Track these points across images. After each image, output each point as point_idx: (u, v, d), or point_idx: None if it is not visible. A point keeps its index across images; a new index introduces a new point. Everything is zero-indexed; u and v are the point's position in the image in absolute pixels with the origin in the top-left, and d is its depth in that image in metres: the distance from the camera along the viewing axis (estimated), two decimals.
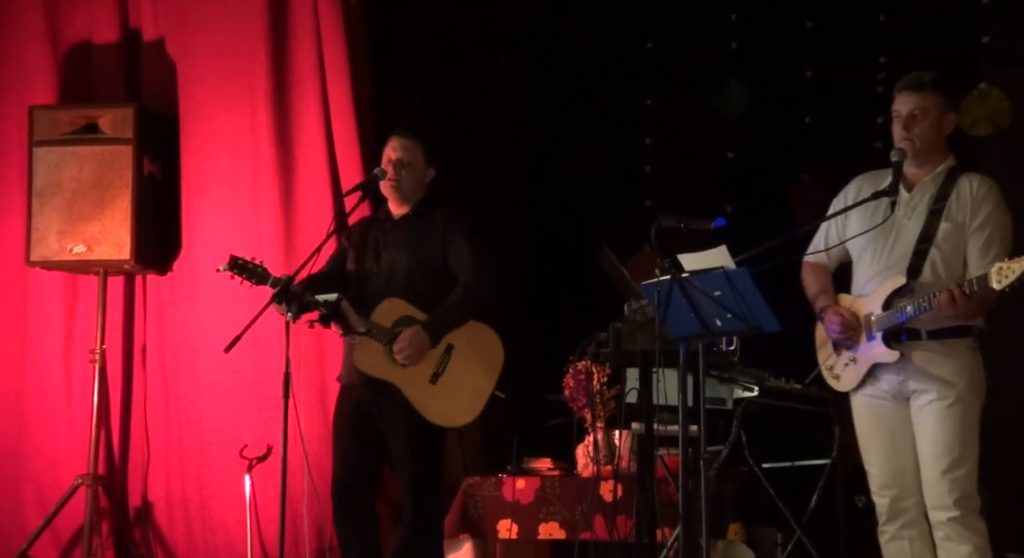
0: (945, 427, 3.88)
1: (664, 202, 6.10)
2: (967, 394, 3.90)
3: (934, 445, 3.90)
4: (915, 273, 3.94)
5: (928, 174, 4.03)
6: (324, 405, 5.64)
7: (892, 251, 4.00)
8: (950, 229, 3.94)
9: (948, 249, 3.94)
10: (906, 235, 3.99)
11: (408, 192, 4.68)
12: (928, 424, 3.91)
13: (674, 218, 4.01)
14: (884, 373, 3.99)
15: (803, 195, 6.05)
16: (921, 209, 3.99)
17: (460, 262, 4.58)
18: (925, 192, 4.02)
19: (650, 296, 4.00)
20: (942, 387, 3.89)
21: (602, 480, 5.01)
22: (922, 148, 3.99)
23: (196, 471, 5.94)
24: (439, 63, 6.32)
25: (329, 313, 4.49)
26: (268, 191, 5.86)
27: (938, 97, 3.99)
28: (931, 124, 3.98)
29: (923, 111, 3.97)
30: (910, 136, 3.98)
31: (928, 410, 3.91)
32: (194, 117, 6.03)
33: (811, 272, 4.23)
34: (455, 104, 6.33)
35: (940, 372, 3.90)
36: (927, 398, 3.92)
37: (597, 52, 6.55)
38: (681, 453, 4.01)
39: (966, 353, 3.92)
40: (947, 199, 3.97)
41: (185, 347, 5.97)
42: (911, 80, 4.01)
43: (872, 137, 5.72)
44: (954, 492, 3.85)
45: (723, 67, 6.36)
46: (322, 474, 5.36)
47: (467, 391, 4.50)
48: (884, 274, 4.00)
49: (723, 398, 4.86)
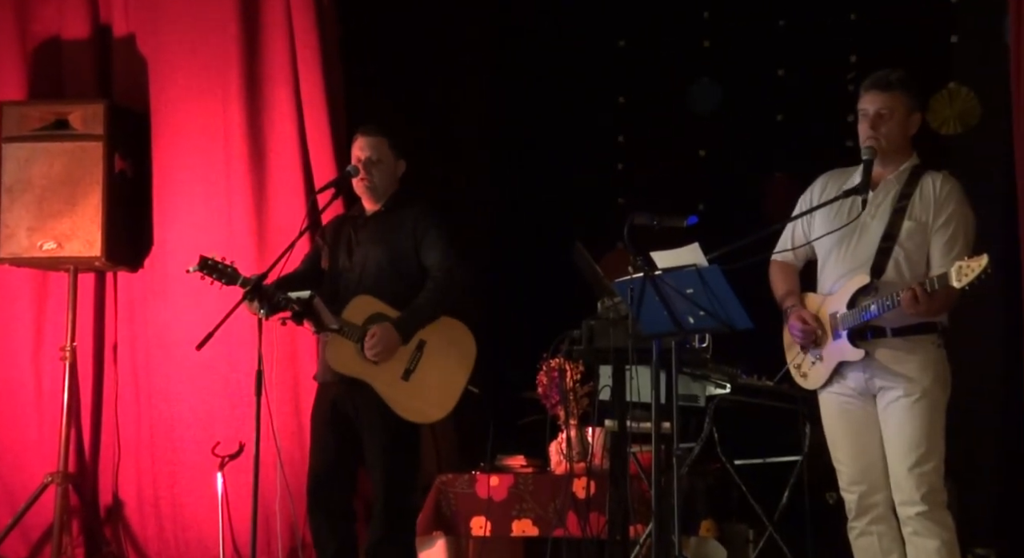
0: (911, 423, 3.90)
1: (637, 200, 6.12)
2: (933, 390, 3.92)
3: (901, 441, 3.92)
4: (879, 271, 3.96)
5: (892, 172, 4.05)
6: (297, 403, 5.63)
7: (857, 250, 4.02)
8: (913, 227, 3.96)
9: (911, 247, 3.96)
10: (870, 234, 4.01)
11: (381, 189, 4.68)
12: (894, 420, 3.94)
13: (647, 216, 4.01)
14: (850, 371, 4.02)
15: (775, 193, 6.08)
16: (885, 208, 4.01)
17: (432, 257, 4.57)
18: (889, 190, 4.03)
19: (623, 293, 4.01)
20: (907, 383, 3.92)
21: (575, 477, 5.02)
22: (888, 147, 4.01)
23: (168, 469, 5.91)
24: (410, 59, 6.31)
25: (301, 311, 4.48)
26: (240, 188, 5.84)
27: (905, 97, 4.00)
28: (897, 124, 4.00)
29: (890, 111, 3.98)
30: (877, 135, 3.99)
31: (894, 407, 3.94)
32: (165, 113, 6.00)
33: (778, 271, 4.25)
34: (426, 100, 6.33)
35: (905, 369, 3.93)
36: (893, 395, 3.94)
37: (570, 49, 6.56)
38: (654, 450, 4.03)
39: (931, 349, 3.94)
40: (910, 197, 3.98)
41: (156, 344, 5.94)
42: (878, 79, 4.02)
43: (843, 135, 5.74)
44: (921, 487, 3.88)
45: (696, 65, 6.38)
46: (295, 472, 5.35)
47: (439, 387, 4.50)
48: (849, 273, 4.02)
49: (695, 395, 4.87)
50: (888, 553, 4.01)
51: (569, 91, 6.54)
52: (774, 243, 4.27)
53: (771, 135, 6.20)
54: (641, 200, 5.90)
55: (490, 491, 5.21)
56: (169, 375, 5.90)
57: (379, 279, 4.57)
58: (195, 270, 4.51)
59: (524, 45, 6.63)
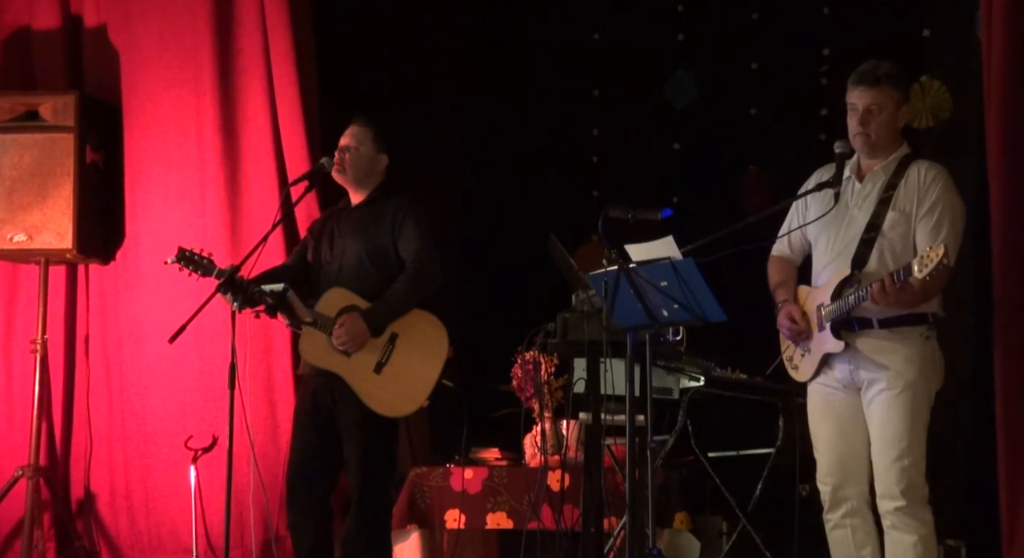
0: (893, 416, 3.90)
1: (611, 192, 6.14)
2: (917, 382, 3.91)
3: (883, 434, 3.92)
4: (860, 263, 3.95)
5: (880, 163, 4.04)
6: (270, 396, 5.62)
7: (842, 241, 4.02)
8: (897, 217, 3.95)
9: (895, 237, 3.94)
10: (855, 225, 4.00)
11: (354, 177, 4.66)
12: (877, 413, 3.94)
13: (621, 208, 4.02)
14: (837, 362, 4.02)
15: (749, 185, 6.11)
16: (871, 198, 4.01)
17: (408, 248, 4.56)
18: (876, 181, 4.03)
19: (597, 286, 4.02)
20: (891, 376, 3.91)
21: (550, 470, 5.03)
22: (877, 142, 4.01)
23: (140, 462, 5.88)
24: (385, 51, 6.30)
25: (275, 304, 4.47)
26: (214, 180, 5.81)
27: (894, 91, 3.99)
28: (887, 119, 3.99)
29: (879, 106, 3.97)
30: (867, 131, 3.98)
31: (878, 399, 3.94)
32: (137, 105, 5.96)
33: (773, 265, 4.26)
34: (400, 92, 6.32)
35: (890, 361, 3.92)
36: (877, 387, 3.94)
37: (544, 42, 6.55)
38: (628, 443, 4.03)
39: (918, 341, 3.93)
40: (896, 187, 3.98)
41: (129, 337, 5.91)
42: (866, 74, 4.00)
43: (816, 129, 5.79)
44: (901, 481, 3.87)
45: (670, 58, 6.40)
46: (268, 465, 5.34)
47: (411, 380, 4.49)
48: (835, 264, 4.03)
49: (669, 388, 4.89)
50: (862, 546, 4.02)
51: (543, 84, 6.54)
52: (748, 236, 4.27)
53: (745, 128, 6.22)
54: (616, 193, 5.91)
55: (464, 484, 5.21)
56: (141, 368, 5.88)
57: (356, 272, 4.56)
58: (173, 261, 4.51)
59: (499, 38, 6.63)
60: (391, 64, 6.31)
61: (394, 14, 6.36)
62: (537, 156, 6.55)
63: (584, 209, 6.02)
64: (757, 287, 4.33)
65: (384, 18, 6.31)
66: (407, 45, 6.37)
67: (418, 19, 6.44)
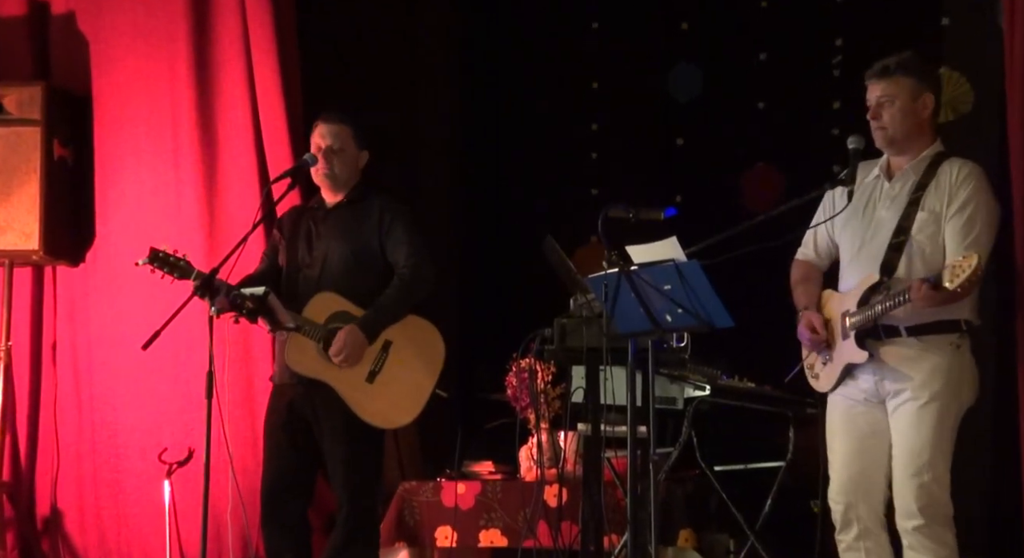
0: (916, 428, 3.89)
1: (611, 191, 6.15)
2: (943, 394, 3.90)
3: (903, 447, 3.92)
4: (889, 269, 3.95)
5: (910, 161, 4.04)
6: (250, 406, 5.62)
7: (870, 244, 4.03)
8: (926, 218, 3.95)
9: (924, 239, 3.94)
10: (883, 227, 4.01)
11: (342, 180, 4.68)
12: (900, 425, 3.94)
13: (622, 207, 4.03)
14: (861, 373, 4.02)
15: (757, 183, 6.12)
16: (900, 199, 4.01)
17: (398, 252, 4.58)
18: (906, 181, 4.03)
19: (597, 290, 4.03)
20: (918, 386, 3.91)
21: (546, 484, 5.04)
22: (895, 135, 4.01)
23: (111, 477, 5.89)
24: (372, 40, 6.30)
25: (255, 308, 4.48)
26: (190, 177, 5.82)
27: (907, 80, 3.99)
28: (901, 109, 3.99)
29: (890, 97, 3.98)
30: (881, 124, 3.99)
31: (901, 411, 3.94)
32: (109, 97, 5.97)
33: (796, 270, 4.28)
34: (386, 84, 6.32)
35: (916, 371, 3.91)
36: (902, 398, 3.94)
37: (541, 32, 6.57)
38: (629, 455, 4.05)
39: (948, 350, 3.92)
40: (927, 187, 3.98)
41: (99, 344, 5.92)
42: (876, 67, 4.02)
43: (829, 123, 5.80)
44: (920, 498, 3.87)
45: (673, 49, 6.41)
46: (248, 480, 5.34)
47: (406, 390, 4.51)
48: (861, 269, 4.03)
49: (673, 397, 4.90)
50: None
51: (540, 76, 6.56)
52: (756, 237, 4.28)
53: (753, 123, 6.23)
54: (616, 191, 5.92)
55: (456, 499, 5.22)
56: (112, 377, 5.88)
57: (342, 275, 4.58)
58: (145, 263, 4.52)
59: (492, 26, 6.64)
60: (376, 55, 6.32)
61: (380, 1, 6.38)
62: (532, 152, 6.57)
63: (582, 208, 6.04)
64: (766, 291, 4.35)
65: (369, 5, 6.33)
66: (393, 34, 6.38)
67: (407, 8, 6.46)
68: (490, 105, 6.59)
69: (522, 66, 6.57)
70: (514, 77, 6.57)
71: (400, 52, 6.41)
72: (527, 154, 6.58)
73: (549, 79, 6.56)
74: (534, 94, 6.55)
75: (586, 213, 4.76)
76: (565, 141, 6.58)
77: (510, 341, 4.89)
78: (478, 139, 6.61)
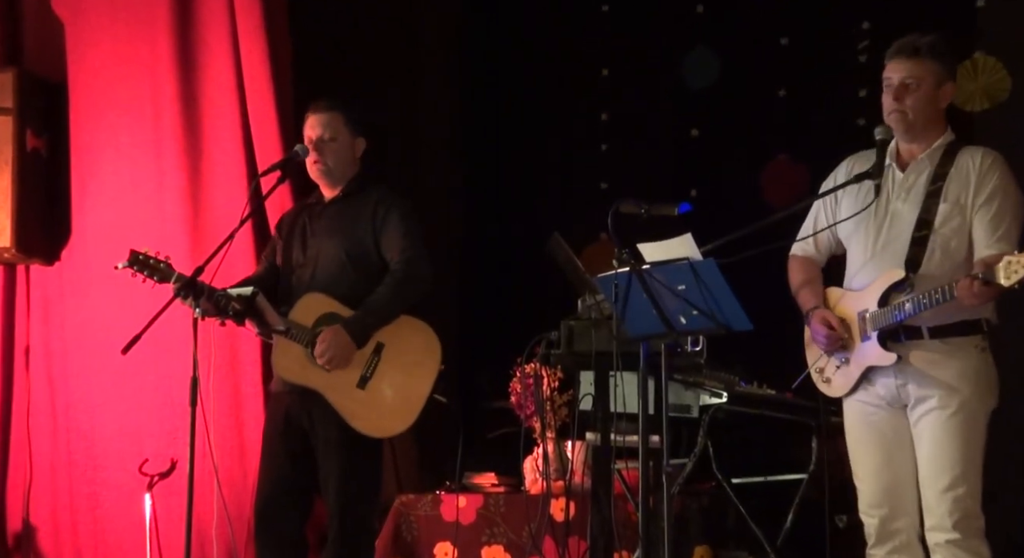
0: (946, 439, 3.90)
1: (622, 185, 6.16)
2: (972, 401, 3.92)
3: (934, 459, 3.92)
4: (914, 265, 3.95)
5: (924, 151, 4.06)
6: (237, 414, 5.64)
7: (886, 239, 4.03)
8: (950, 209, 3.96)
9: (948, 233, 3.96)
10: (901, 221, 4.02)
11: (338, 172, 4.69)
12: (928, 435, 3.94)
13: (633, 203, 4.05)
14: (880, 377, 4.02)
15: (778, 177, 6.13)
16: (917, 190, 4.02)
17: (392, 248, 4.59)
18: (921, 171, 4.05)
19: (607, 290, 4.04)
20: (945, 393, 3.91)
21: (552, 497, 5.06)
22: (915, 121, 4.02)
23: (88, 490, 5.91)
24: (366, 26, 6.31)
25: (242, 310, 4.49)
26: (173, 170, 5.84)
27: (935, 65, 4.01)
28: (925, 95, 4.00)
29: (917, 80, 3.99)
30: (902, 107, 4.00)
31: (928, 419, 3.94)
32: (86, 84, 6.00)
33: (796, 267, 4.27)
34: (383, 73, 6.33)
35: (943, 376, 3.92)
36: (927, 406, 3.95)
37: (546, 15, 6.58)
38: (641, 467, 4.06)
39: (973, 353, 3.94)
40: (946, 177, 3.99)
41: (75, 348, 5.95)
42: (904, 45, 4.02)
43: (855, 112, 5.80)
44: (955, 512, 3.88)
45: (688, 33, 6.41)
46: (234, 493, 5.37)
47: (400, 396, 4.52)
48: (878, 265, 4.03)
49: (688, 405, 4.91)
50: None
51: (545, 62, 6.57)
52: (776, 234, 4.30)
53: (773, 112, 6.24)
54: (627, 185, 5.95)
55: (457, 514, 5.24)
56: (90, 383, 5.91)
57: (334, 275, 4.59)
58: (124, 266, 4.52)
59: (494, 10, 6.66)
60: (372, 42, 6.33)
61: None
62: (538, 144, 6.58)
63: (591, 203, 6.06)
64: (787, 291, 4.36)
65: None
66: (391, 20, 6.39)
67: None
68: (493, 94, 6.60)
69: (527, 52, 6.57)
70: (518, 64, 6.58)
71: (398, 39, 6.42)
72: (532, 146, 6.58)
73: (555, 66, 6.56)
74: (540, 82, 6.56)
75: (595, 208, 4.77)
76: (573, 132, 6.59)
77: (514, 345, 4.92)
78: (479, 130, 6.62)
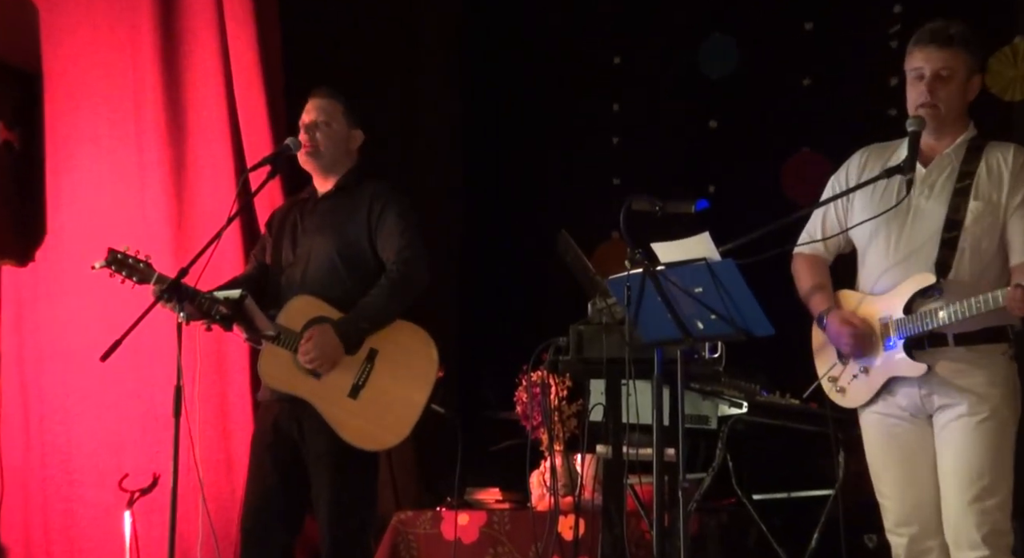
0: (975, 447, 3.92)
1: (635, 180, 6.18)
2: (1002, 409, 3.94)
3: (960, 469, 3.94)
4: (944, 268, 3.97)
5: (948, 146, 4.08)
6: (224, 425, 5.65)
7: (910, 239, 4.04)
8: (981, 209, 3.98)
9: (979, 232, 3.97)
10: (927, 220, 4.03)
11: (329, 160, 4.69)
12: (954, 443, 3.96)
13: (647, 199, 4.06)
14: (902, 387, 4.04)
15: (801, 172, 6.14)
16: (942, 188, 4.04)
17: (388, 247, 4.59)
18: (944, 168, 4.07)
19: (618, 293, 4.05)
20: (974, 400, 3.93)
21: (561, 514, 5.07)
22: (946, 115, 4.04)
23: (63, 507, 5.92)
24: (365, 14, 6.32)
25: (230, 314, 4.50)
26: (156, 163, 5.85)
27: (967, 55, 4.03)
28: (957, 88, 4.03)
29: (951, 71, 4.01)
30: (935, 101, 4.01)
31: (955, 427, 3.96)
32: (62, 73, 6.01)
33: (805, 265, 4.27)
34: (381, 62, 6.34)
35: (971, 383, 3.94)
36: (954, 413, 3.96)
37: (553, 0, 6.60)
38: (655, 482, 4.07)
39: (1000, 361, 3.97)
40: (974, 174, 4.01)
41: (51, 354, 5.96)
42: (936, 32, 4.03)
43: (885, 102, 5.81)
44: (983, 527, 3.89)
45: (705, 18, 6.42)
46: (221, 510, 5.38)
47: (394, 406, 4.52)
48: (903, 267, 4.04)
49: (706, 416, 4.93)
50: None
51: (554, 50, 6.58)
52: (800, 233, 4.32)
53: (797, 102, 6.26)
54: (640, 181, 5.96)
55: (458, 532, 5.25)
56: (66, 392, 5.92)
57: (325, 275, 4.59)
58: (102, 266, 4.51)
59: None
60: (369, 28, 6.34)
61: None
62: (545, 137, 6.59)
63: (602, 200, 6.07)
64: None
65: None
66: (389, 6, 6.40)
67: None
68: (498, 84, 6.61)
69: (532, 39, 6.58)
70: (524, 51, 6.59)
71: (395, 23, 6.43)
72: (538, 139, 6.59)
73: (564, 53, 6.57)
74: (547, 71, 6.57)
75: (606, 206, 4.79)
76: (582, 124, 6.60)
77: (519, 351, 4.93)
78: (484, 122, 6.63)
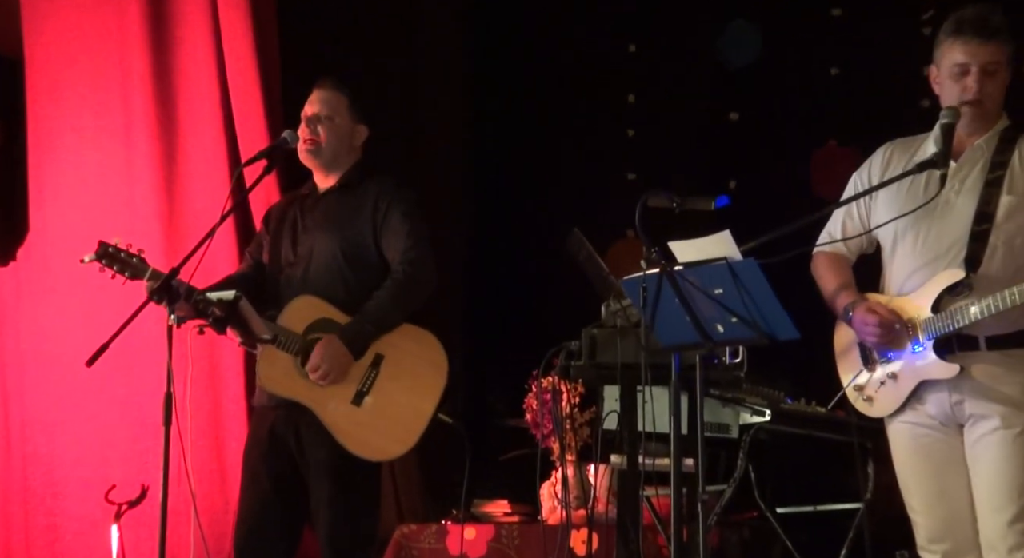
0: (1012, 463, 3.91)
1: (651, 175, 6.18)
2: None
3: (996, 486, 3.94)
4: (974, 263, 3.97)
5: (979, 138, 4.08)
6: (217, 434, 5.67)
7: (940, 237, 4.04)
8: (1015, 202, 3.98)
9: (1013, 228, 3.97)
10: (957, 215, 4.03)
11: (330, 156, 4.71)
12: (989, 458, 3.96)
13: (664, 196, 4.06)
14: (932, 393, 4.04)
15: (828, 166, 6.15)
16: (973, 181, 4.04)
17: (394, 247, 4.60)
18: (976, 160, 4.07)
19: (634, 294, 4.06)
20: (1009, 411, 3.93)
21: (573, 528, 5.07)
22: (990, 112, 4.05)
23: (46, 521, 5.93)
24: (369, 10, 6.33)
25: (223, 316, 4.50)
26: (145, 157, 5.87)
27: (1008, 46, 4.03)
28: (1002, 82, 4.04)
29: (997, 66, 4.01)
30: (980, 97, 4.01)
31: (990, 441, 3.95)
32: (44, 60, 6.02)
33: (827, 264, 4.27)
34: (382, 51, 6.35)
35: (1006, 391, 3.94)
36: (989, 425, 3.96)
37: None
38: (673, 494, 4.08)
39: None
40: (1007, 166, 4.01)
41: (33, 359, 5.97)
42: (978, 23, 4.01)
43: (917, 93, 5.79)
44: (1022, 548, 3.90)
45: (728, 3, 6.43)
46: (213, 523, 5.39)
47: (400, 414, 4.53)
48: (932, 267, 4.04)
49: (726, 424, 4.94)
50: None
51: (565, 39, 6.58)
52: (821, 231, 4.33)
53: (824, 93, 6.26)
54: (657, 176, 5.97)
55: (464, 546, 5.27)
56: (49, 399, 5.93)
57: (328, 275, 4.61)
58: (92, 259, 4.51)
59: None
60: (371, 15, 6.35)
61: None
62: (556, 130, 6.60)
63: (617, 197, 6.08)
64: None
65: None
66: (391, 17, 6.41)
67: None
68: (508, 75, 6.61)
69: (542, 26, 6.59)
70: (532, 40, 6.59)
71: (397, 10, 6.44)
72: (549, 132, 6.60)
73: (576, 42, 6.58)
74: (558, 60, 6.57)
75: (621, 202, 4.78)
76: (596, 117, 6.61)
77: (529, 356, 4.94)
78: (493, 114, 6.64)
